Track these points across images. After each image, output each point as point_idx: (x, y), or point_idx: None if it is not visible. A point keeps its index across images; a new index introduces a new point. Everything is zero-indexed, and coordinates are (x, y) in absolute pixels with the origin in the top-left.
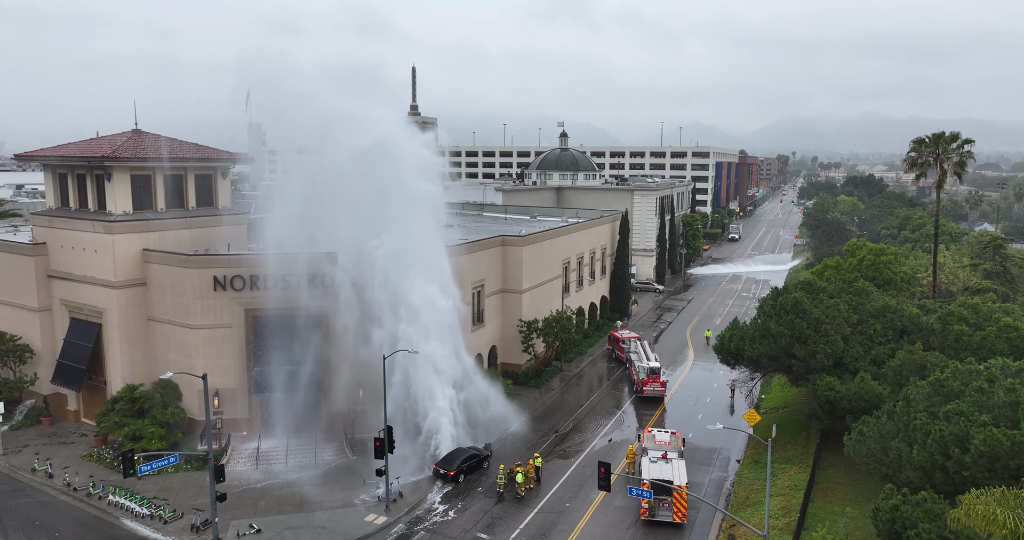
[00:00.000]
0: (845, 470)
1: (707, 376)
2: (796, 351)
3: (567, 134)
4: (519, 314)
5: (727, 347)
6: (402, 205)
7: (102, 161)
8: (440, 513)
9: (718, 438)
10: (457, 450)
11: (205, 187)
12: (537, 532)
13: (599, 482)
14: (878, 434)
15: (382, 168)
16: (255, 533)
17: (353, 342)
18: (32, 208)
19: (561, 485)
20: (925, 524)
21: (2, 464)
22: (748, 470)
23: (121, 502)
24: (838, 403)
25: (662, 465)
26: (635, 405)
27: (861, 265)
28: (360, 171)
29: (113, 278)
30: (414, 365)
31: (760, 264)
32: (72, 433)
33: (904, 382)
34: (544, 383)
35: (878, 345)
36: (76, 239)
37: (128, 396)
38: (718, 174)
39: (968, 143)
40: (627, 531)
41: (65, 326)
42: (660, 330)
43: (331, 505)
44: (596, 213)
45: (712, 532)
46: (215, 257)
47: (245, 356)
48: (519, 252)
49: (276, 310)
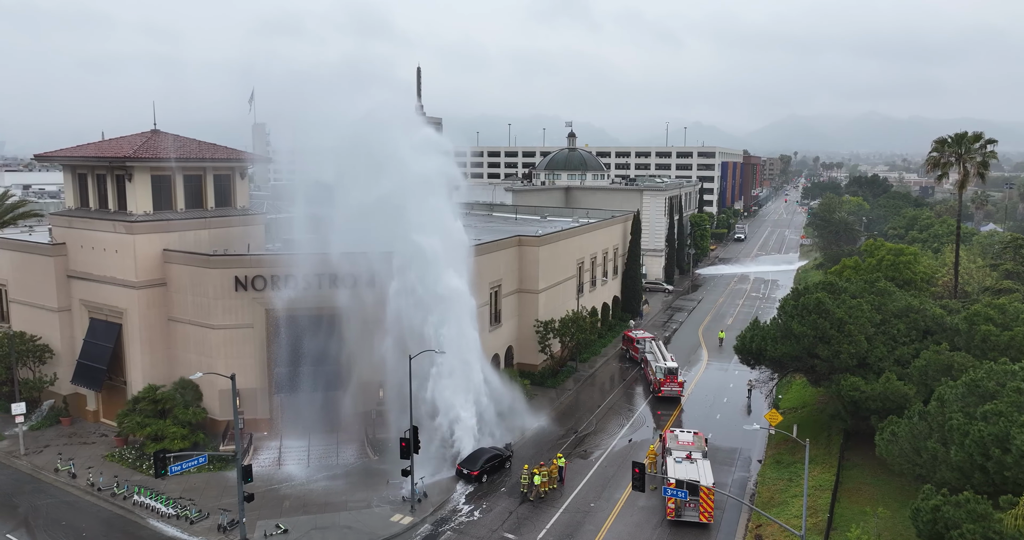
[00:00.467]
0: (869, 470)
1: (722, 376)
2: (819, 351)
3: (575, 134)
4: (535, 314)
5: (748, 347)
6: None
7: (124, 161)
8: (465, 513)
9: (738, 438)
10: (479, 450)
11: (223, 187)
12: (564, 532)
13: (633, 482)
14: (910, 434)
15: (414, 171)
16: (282, 533)
17: (375, 342)
18: (43, 208)
19: (584, 485)
20: (969, 525)
21: (24, 464)
22: (771, 470)
23: (146, 502)
24: (863, 403)
25: (687, 465)
26: (652, 405)
27: (880, 265)
28: (393, 174)
29: (134, 278)
30: (438, 365)
31: (768, 264)
32: (92, 433)
33: (930, 382)
34: (560, 383)
35: (902, 345)
36: (96, 239)
37: (150, 396)
38: (723, 174)
39: (991, 143)
40: (653, 531)
41: (84, 326)
42: (672, 330)
43: (356, 505)
44: (607, 213)
45: (739, 532)
46: (236, 257)
47: (266, 356)
48: (536, 252)
49: (297, 310)
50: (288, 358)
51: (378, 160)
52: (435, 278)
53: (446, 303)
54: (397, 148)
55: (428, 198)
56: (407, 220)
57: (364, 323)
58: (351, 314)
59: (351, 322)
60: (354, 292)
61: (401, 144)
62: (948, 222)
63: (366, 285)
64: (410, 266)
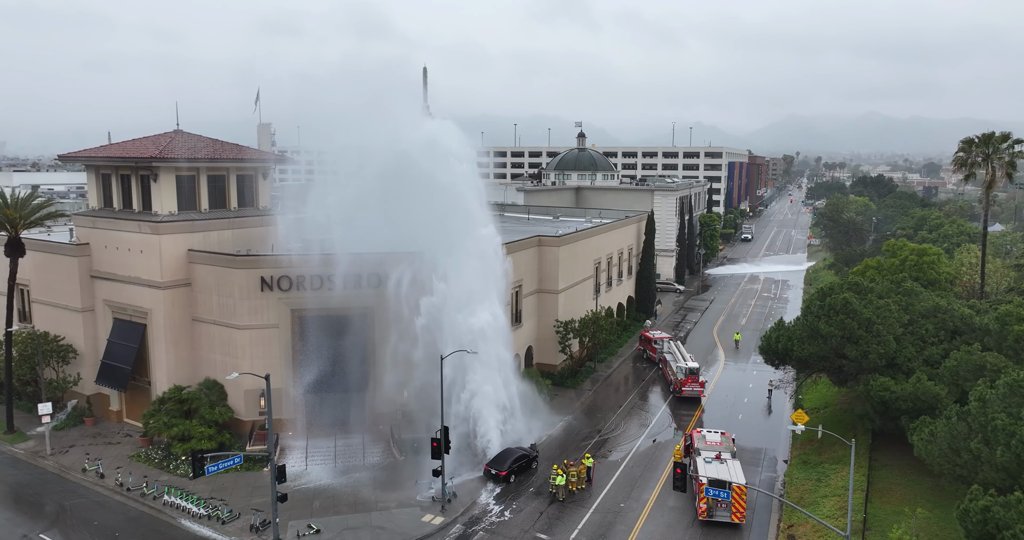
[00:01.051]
0: (899, 470)
1: (741, 377)
2: (847, 351)
3: (585, 134)
4: (555, 314)
5: (774, 347)
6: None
7: (149, 161)
8: (496, 513)
9: (762, 438)
10: (507, 450)
11: (246, 187)
12: (596, 533)
13: (675, 483)
14: (949, 435)
15: (447, 173)
16: (314, 533)
17: (401, 342)
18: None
19: (612, 485)
20: (1021, 525)
21: (51, 464)
22: (798, 471)
23: (176, 502)
24: (893, 403)
25: (717, 465)
26: (673, 405)
27: (904, 265)
28: (427, 176)
29: (160, 279)
30: (466, 366)
31: (777, 264)
32: (116, 433)
33: (961, 383)
34: (579, 384)
35: (930, 345)
36: (121, 239)
37: (176, 396)
38: (730, 174)
39: (1019, 143)
40: (685, 531)
41: (107, 326)
42: (687, 330)
43: (386, 505)
44: (620, 213)
45: (771, 532)
46: (262, 257)
47: (291, 356)
48: (555, 252)
49: (323, 310)
50: (313, 358)
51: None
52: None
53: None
54: (437, 163)
55: (462, 204)
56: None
57: (389, 323)
58: (376, 314)
59: (376, 322)
60: (380, 292)
61: (441, 161)
62: (958, 222)
63: (393, 285)
64: (457, 267)
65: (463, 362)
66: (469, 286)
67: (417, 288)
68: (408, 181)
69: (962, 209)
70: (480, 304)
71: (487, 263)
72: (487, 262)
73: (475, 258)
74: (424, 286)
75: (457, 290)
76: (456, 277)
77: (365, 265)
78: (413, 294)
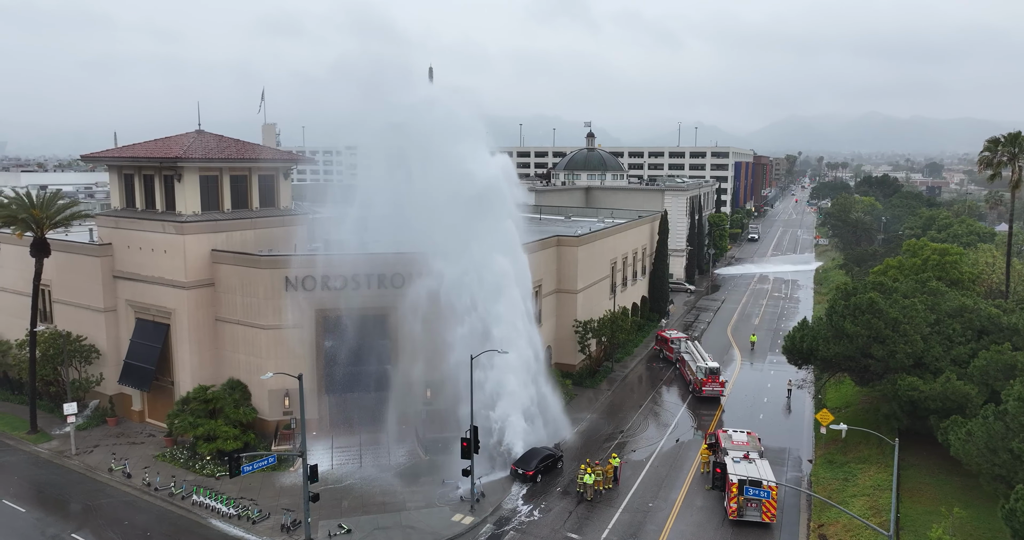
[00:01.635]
0: (927, 470)
1: (759, 376)
2: (874, 351)
3: (594, 134)
4: (574, 314)
5: (798, 347)
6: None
7: (175, 162)
8: (525, 513)
9: (785, 438)
10: (532, 450)
11: (268, 187)
12: (626, 532)
13: (713, 482)
14: (986, 434)
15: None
16: (345, 533)
17: (427, 342)
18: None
19: (639, 485)
20: None
21: (77, 464)
22: (823, 470)
23: (205, 502)
24: (921, 403)
25: (746, 464)
26: (692, 405)
27: (926, 265)
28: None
29: (184, 279)
30: (493, 366)
31: (785, 264)
32: (139, 433)
33: (991, 382)
34: (597, 384)
35: (958, 345)
36: (144, 240)
37: (201, 396)
38: (736, 174)
39: None
40: (716, 531)
41: (129, 327)
42: (701, 330)
43: (415, 505)
44: (631, 214)
45: (801, 532)
46: (287, 257)
47: (315, 356)
48: (575, 252)
49: (347, 310)
50: (337, 358)
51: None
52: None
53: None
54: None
55: (499, 205)
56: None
57: (413, 323)
58: (400, 314)
59: (400, 322)
60: (404, 292)
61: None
62: (967, 222)
63: (418, 285)
64: (487, 268)
65: (489, 362)
66: (496, 285)
67: (442, 288)
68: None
69: (971, 209)
70: (507, 303)
71: (514, 261)
72: (514, 260)
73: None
74: (449, 285)
75: (484, 289)
76: (483, 276)
77: (390, 265)
78: (438, 294)
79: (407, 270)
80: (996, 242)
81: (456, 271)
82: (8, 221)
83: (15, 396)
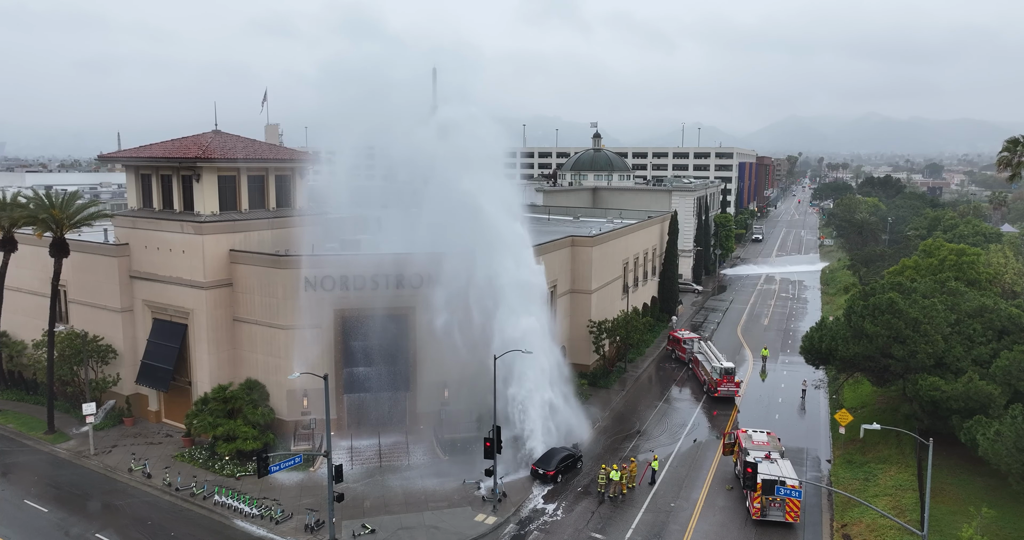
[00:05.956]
0: (948, 470)
1: (772, 376)
2: (894, 351)
3: (600, 135)
4: (588, 314)
5: (817, 347)
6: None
7: (194, 162)
8: (548, 513)
9: (802, 438)
10: (552, 450)
11: (284, 188)
12: (650, 532)
13: (745, 481)
14: (1015, 434)
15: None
16: (369, 533)
17: (445, 342)
18: None
19: (660, 485)
20: None
21: (96, 464)
22: (843, 470)
23: (228, 502)
24: (943, 403)
25: (768, 464)
26: (707, 406)
27: (943, 265)
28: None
29: (202, 279)
30: (513, 366)
31: (791, 265)
32: (156, 433)
33: (1014, 382)
34: (611, 384)
35: (979, 345)
36: (162, 240)
37: (220, 396)
38: (740, 175)
39: None
40: (740, 531)
41: (146, 327)
42: (711, 330)
43: (437, 505)
44: (639, 214)
45: (824, 531)
46: (306, 257)
47: (334, 356)
48: (588, 252)
49: (365, 310)
50: (356, 358)
51: None
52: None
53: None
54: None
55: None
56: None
57: (432, 323)
58: (420, 314)
59: (419, 322)
60: (423, 292)
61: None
62: (972, 222)
63: (437, 285)
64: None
65: (509, 362)
66: (516, 285)
67: (462, 288)
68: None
69: (976, 209)
70: (527, 304)
71: (529, 263)
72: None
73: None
74: (469, 286)
75: (504, 290)
76: (502, 277)
77: (409, 265)
78: (457, 294)
79: (426, 270)
80: (1004, 242)
81: (475, 272)
82: (28, 221)
83: (30, 396)
